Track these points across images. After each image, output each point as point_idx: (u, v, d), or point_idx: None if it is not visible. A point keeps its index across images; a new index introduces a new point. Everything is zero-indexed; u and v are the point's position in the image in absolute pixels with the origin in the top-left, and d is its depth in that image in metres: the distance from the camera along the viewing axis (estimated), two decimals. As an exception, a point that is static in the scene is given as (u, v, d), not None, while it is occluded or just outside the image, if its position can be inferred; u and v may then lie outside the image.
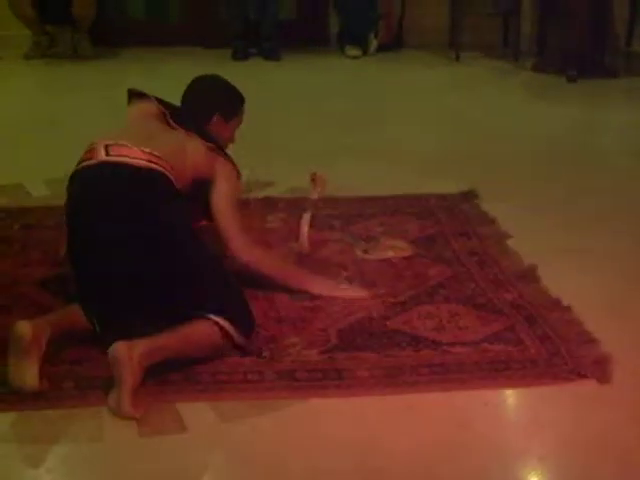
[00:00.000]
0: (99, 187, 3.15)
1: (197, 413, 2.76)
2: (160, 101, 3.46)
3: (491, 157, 5.17)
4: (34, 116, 6.05)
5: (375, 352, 3.08)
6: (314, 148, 5.19)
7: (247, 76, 7.20)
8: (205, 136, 3.42)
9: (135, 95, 3.56)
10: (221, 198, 3.37)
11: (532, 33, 7.87)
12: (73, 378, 2.91)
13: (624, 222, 4.23)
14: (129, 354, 2.75)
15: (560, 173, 4.92)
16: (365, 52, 8.00)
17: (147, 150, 3.15)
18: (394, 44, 8.19)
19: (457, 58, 7.76)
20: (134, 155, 3.14)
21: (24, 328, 2.85)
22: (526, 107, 6.39)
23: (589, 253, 3.88)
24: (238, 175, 3.50)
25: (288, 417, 2.77)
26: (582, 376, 2.95)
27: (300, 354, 3.05)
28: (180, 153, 3.28)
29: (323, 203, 4.04)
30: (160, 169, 3.15)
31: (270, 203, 4.38)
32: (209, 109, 3.55)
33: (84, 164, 3.21)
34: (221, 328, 2.98)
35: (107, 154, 3.16)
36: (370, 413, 2.79)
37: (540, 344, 3.13)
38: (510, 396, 2.96)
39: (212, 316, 2.98)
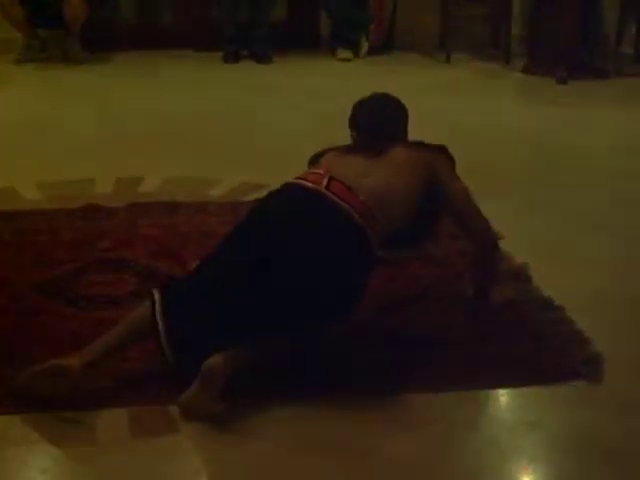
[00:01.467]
0: (306, 214, 3.01)
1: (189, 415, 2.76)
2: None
3: (481, 158, 5.18)
4: (25, 120, 6.04)
5: (368, 351, 3.09)
6: (307, 150, 5.17)
7: (238, 79, 7.23)
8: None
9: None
10: (459, 198, 3.30)
11: (522, 35, 7.89)
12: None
13: (616, 221, 4.25)
14: (224, 370, 2.70)
15: (551, 173, 4.95)
16: (356, 55, 8.02)
17: (362, 199, 3.00)
18: (385, 46, 8.21)
19: (448, 60, 7.78)
20: (350, 201, 2.99)
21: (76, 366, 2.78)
22: (516, 108, 6.42)
23: (581, 253, 3.90)
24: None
25: (281, 418, 2.77)
26: (573, 376, 2.97)
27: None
28: (393, 182, 3.12)
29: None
30: (365, 227, 2.98)
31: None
32: (398, 123, 3.56)
33: (301, 183, 3.10)
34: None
35: (328, 187, 3.02)
36: (362, 413, 2.80)
37: (531, 344, 3.15)
38: (501, 396, 2.97)
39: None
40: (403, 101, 3.50)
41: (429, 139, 5.54)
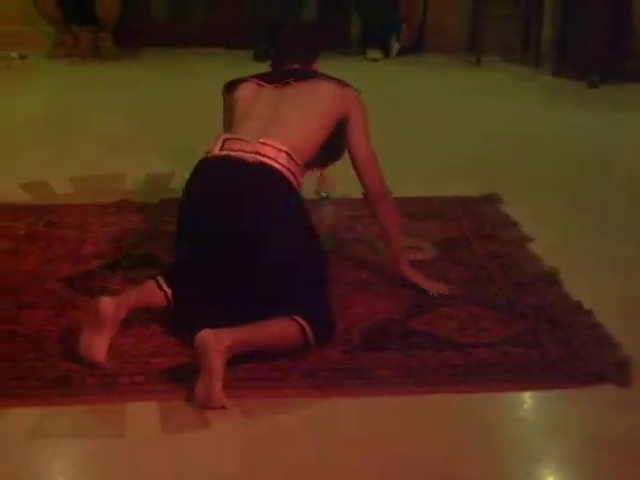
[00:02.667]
0: (218, 181, 3.21)
1: (220, 411, 2.76)
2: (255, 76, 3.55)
3: (512, 161, 5.19)
4: (57, 114, 6.09)
5: (396, 352, 3.09)
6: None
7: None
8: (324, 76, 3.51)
9: (228, 86, 3.61)
10: (360, 134, 3.48)
11: (553, 37, 7.86)
12: (96, 375, 2.93)
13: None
14: (216, 344, 2.76)
15: (581, 178, 4.92)
16: (387, 55, 8.02)
17: (268, 142, 3.21)
18: (415, 47, 8.21)
19: (478, 62, 7.77)
20: (256, 150, 3.20)
21: (107, 305, 2.93)
22: (547, 112, 6.39)
23: (610, 257, 3.88)
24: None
25: (310, 416, 2.78)
26: (602, 379, 2.96)
27: (322, 353, 3.07)
28: (308, 120, 3.36)
29: (345, 205, 4.07)
30: (277, 167, 3.19)
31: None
32: (310, 52, 3.70)
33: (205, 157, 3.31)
34: (303, 331, 2.99)
35: (222, 148, 3.25)
36: (391, 413, 2.81)
37: (561, 347, 3.14)
38: (530, 398, 2.96)
39: (299, 319, 3.00)
40: (433, 102, 3.55)
41: (458, 139, 5.58)
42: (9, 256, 3.81)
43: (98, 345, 2.92)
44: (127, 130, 5.60)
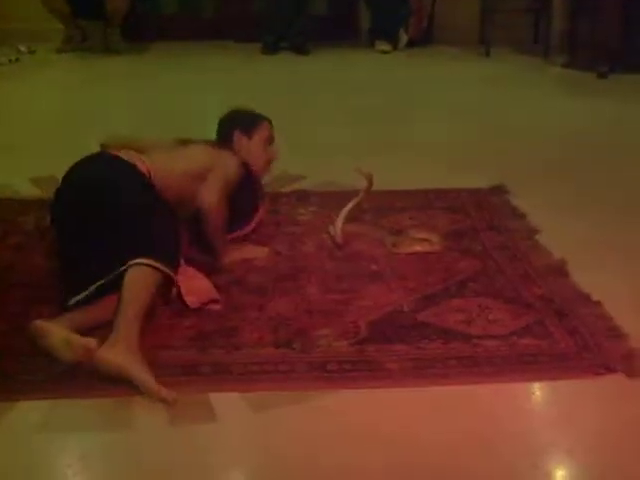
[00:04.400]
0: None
1: (228, 403, 2.78)
2: None
3: (521, 152, 5.18)
4: (66, 108, 6.11)
5: (405, 344, 3.09)
6: (344, 142, 5.21)
7: (276, 70, 7.25)
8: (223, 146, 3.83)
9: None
10: (210, 178, 3.61)
11: (563, 29, 7.85)
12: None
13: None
14: (115, 361, 2.83)
15: (590, 169, 4.92)
16: (395, 47, 8.02)
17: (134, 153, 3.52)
18: (424, 39, 8.21)
19: (487, 54, 7.76)
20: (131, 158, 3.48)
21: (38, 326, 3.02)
22: (556, 103, 6.38)
23: (620, 248, 3.87)
24: (239, 168, 3.74)
25: (318, 408, 2.78)
26: (611, 370, 2.95)
27: (330, 346, 3.07)
28: (178, 158, 3.68)
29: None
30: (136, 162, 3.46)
31: (302, 196, 4.41)
32: (229, 128, 3.95)
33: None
34: (153, 268, 3.08)
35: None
36: (399, 405, 2.81)
37: (569, 338, 3.14)
38: (539, 389, 2.96)
39: (141, 260, 3.07)
40: (441, 93, 3.52)
41: (466, 131, 5.57)
42: (18, 251, 3.82)
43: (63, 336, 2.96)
44: (135, 124, 5.60)
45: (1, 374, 2.92)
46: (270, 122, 4.01)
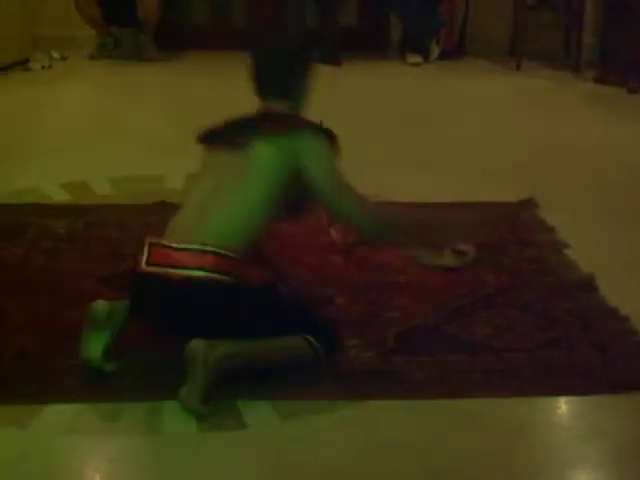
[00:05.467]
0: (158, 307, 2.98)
1: (257, 411, 2.80)
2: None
3: (551, 166, 5.17)
4: (98, 115, 6.14)
5: (432, 356, 3.10)
6: (374, 155, 5.21)
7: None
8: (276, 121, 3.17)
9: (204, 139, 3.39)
10: (317, 177, 3.07)
11: (594, 44, 7.83)
12: (134, 372, 2.97)
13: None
14: (205, 354, 2.76)
15: (619, 185, 4.90)
16: (426, 59, 8.01)
17: (191, 246, 2.91)
18: (456, 52, 8.19)
19: (518, 68, 7.74)
20: (181, 262, 2.91)
21: (100, 306, 2.95)
22: (586, 118, 6.36)
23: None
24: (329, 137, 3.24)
25: (345, 418, 2.80)
26: (638, 386, 2.95)
27: (358, 356, 3.09)
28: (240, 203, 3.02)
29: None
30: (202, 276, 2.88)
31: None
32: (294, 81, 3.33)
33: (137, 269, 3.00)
34: (309, 343, 2.95)
35: (148, 263, 2.95)
36: (425, 416, 2.82)
37: (596, 353, 3.14)
38: (565, 403, 2.97)
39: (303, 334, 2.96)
40: (472, 107, 3.47)
41: (496, 145, 5.56)
42: (49, 255, 3.85)
43: (94, 345, 2.92)
44: (167, 132, 5.63)
45: (31, 377, 2.95)
46: None
